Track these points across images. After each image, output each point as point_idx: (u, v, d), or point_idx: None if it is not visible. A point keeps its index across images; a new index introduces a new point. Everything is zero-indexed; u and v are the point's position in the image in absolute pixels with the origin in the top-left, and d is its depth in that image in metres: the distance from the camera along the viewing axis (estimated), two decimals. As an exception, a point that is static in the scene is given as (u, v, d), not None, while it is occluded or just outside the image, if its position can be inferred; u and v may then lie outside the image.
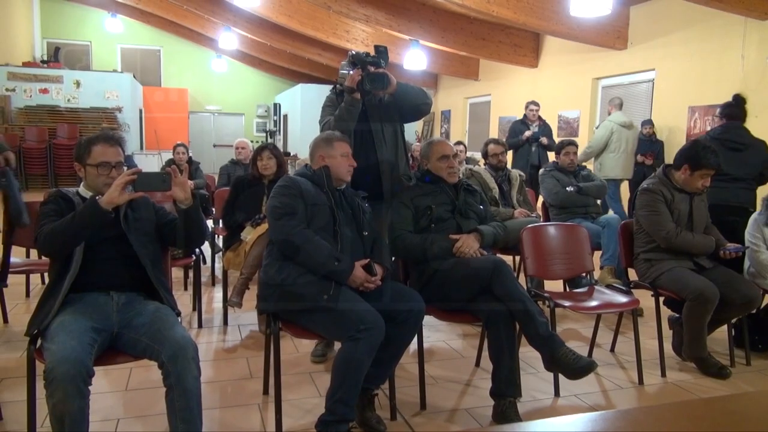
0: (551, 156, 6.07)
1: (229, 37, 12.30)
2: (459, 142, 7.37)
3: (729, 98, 6.40)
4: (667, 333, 3.33)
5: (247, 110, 17.30)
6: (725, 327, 3.29)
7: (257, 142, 13.13)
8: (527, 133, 6.77)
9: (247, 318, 3.89)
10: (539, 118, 6.98)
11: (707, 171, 3.11)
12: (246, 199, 4.04)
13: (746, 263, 3.34)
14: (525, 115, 7.00)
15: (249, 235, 3.72)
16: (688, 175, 3.14)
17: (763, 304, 3.35)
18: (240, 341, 3.54)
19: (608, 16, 7.07)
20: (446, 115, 13.06)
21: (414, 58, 9.38)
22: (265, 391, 2.76)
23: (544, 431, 0.98)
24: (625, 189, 7.02)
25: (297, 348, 3.35)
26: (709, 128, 6.50)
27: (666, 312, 3.39)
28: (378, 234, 2.68)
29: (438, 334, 3.68)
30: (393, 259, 2.87)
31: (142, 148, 13.56)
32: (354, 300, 2.31)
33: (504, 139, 6.13)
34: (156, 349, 1.99)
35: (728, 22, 6.34)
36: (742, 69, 6.24)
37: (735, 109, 4.03)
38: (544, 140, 6.77)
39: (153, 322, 2.08)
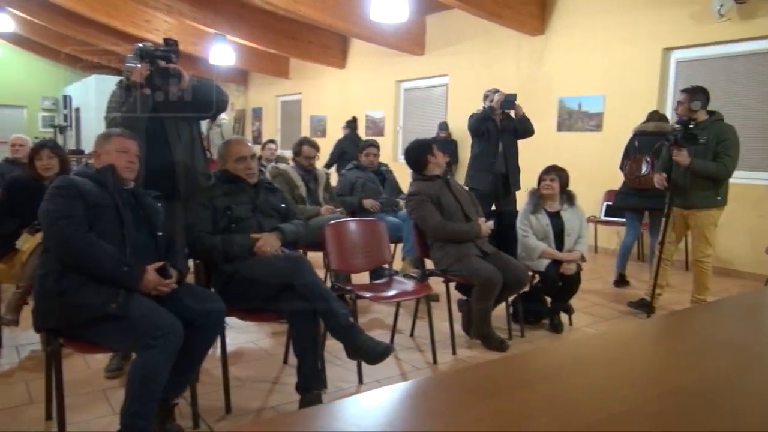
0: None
1: (3, 18, 10.72)
2: (271, 141, 7.40)
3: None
4: (457, 315, 3.68)
5: (29, 102, 15.30)
6: (503, 306, 3.73)
7: (43, 138, 11.68)
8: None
9: (26, 337, 3.46)
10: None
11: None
12: (22, 203, 3.58)
13: (519, 248, 3.83)
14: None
15: (26, 243, 3.31)
16: (434, 160, 3.61)
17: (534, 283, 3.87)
18: (18, 363, 3.14)
19: (407, 23, 7.55)
20: (257, 113, 12.88)
21: (220, 52, 9.08)
22: (49, 417, 2.49)
23: (337, 410, 1.03)
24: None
25: (89, 364, 3.07)
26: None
27: (456, 296, 3.75)
28: (173, 235, 2.57)
29: (247, 335, 3.63)
30: (196, 261, 2.78)
31: None
32: (147, 306, 2.18)
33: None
34: None
35: (506, 36, 7.18)
36: (518, 77, 7.10)
37: (353, 123, 7.58)
38: None
39: None
